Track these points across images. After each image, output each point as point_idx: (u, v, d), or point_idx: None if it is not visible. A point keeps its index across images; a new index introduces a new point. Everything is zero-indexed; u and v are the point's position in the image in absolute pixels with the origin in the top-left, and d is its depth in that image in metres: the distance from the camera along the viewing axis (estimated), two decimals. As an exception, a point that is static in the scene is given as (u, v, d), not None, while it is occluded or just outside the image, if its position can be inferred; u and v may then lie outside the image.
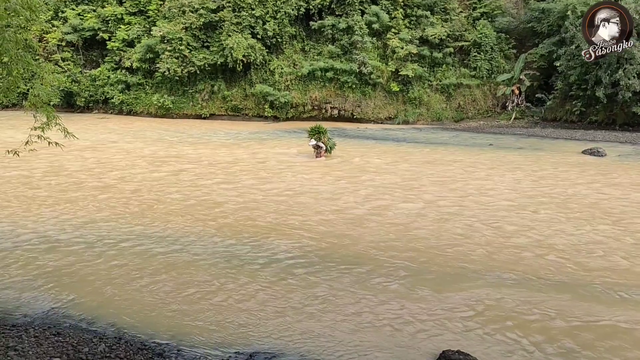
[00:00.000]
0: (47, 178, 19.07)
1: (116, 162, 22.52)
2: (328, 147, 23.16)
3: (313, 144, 22.80)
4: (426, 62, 42.40)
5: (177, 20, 42.34)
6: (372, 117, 41.32)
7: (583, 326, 8.38)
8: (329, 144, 23.29)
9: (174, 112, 43.63)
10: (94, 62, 48.10)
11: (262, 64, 42.44)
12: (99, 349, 7.22)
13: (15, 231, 12.85)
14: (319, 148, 22.74)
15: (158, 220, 13.91)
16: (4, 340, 7.24)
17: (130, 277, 10.00)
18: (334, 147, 23.58)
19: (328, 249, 11.86)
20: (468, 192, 17.44)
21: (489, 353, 7.54)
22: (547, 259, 11.24)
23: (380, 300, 9.20)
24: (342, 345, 7.70)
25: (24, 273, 10.14)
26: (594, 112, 34.93)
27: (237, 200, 16.12)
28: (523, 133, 34.37)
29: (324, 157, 22.79)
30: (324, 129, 23.26)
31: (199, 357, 7.31)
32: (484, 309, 8.88)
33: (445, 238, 12.68)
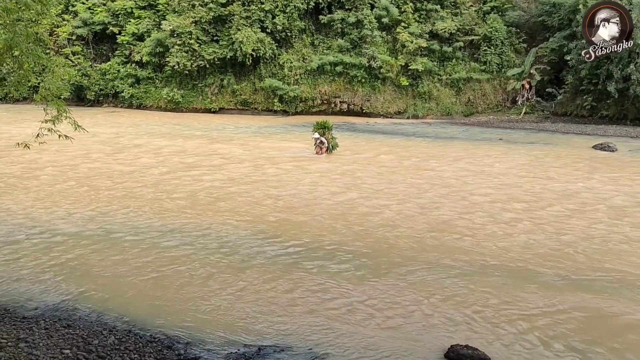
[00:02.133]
0: (58, 171, 19.16)
1: (127, 157, 22.60)
2: (330, 145, 22.88)
3: (317, 138, 22.60)
4: (436, 56, 42.22)
5: (186, 14, 42.35)
6: (382, 112, 41.24)
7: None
8: (332, 142, 22.99)
9: (183, 106, 43.71)
10: (104, 56, 48.28)
11: (271, 58, 42.41)
12: (108, 341, 7.26)
13: (26, 224, 12.92)
14: (322, 144, 22.52)
15: (166, 214, 13.94)
16: (15, 332, 7.30)
17: (139, 271, 10.04)
18: (336, 147, 23.19)
19: (334, 244, 11.85)
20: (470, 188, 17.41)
21: (498, 347, 7.53)
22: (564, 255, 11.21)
23: (388, 294, 9.18)
24: (350, 338, 7.70)
25: (34, 266, 10.21)
26: (605, 107, 34.71)
27: (244, 197, 16.15)
28: (533, 128, 34.21)
29: (324, 155, 22.52)
30: (331, 125, 23.01)
31: (207, 350, 7.34)
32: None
33: (447, 233, 12.67)
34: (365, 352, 7.37)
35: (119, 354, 6.92)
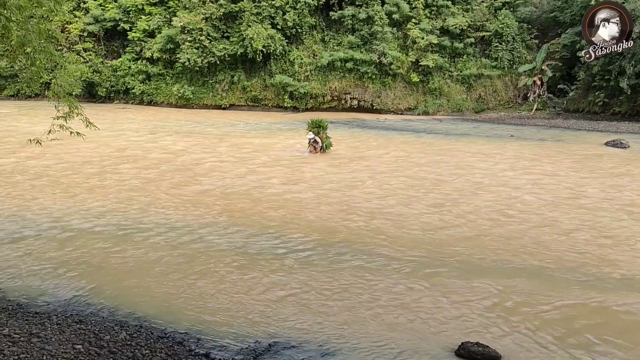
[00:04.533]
0: (69, 167, 19.26)
1: (136, 153, 22.69)
2: (324, 145, 22.54)
3: (311, 137, 22.29)
4: (447, 53, 42.08)
5: (197, 10, 42.42)
6: (392, 108, 41.15)
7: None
8: (326, 142, 22.64)
9: (193, 103, 43.81)
10: (115, 52, 48.45)
11: (281, 54, 42.41)
12: (120, 336, 7.30)
13: (38, 220, 13.00)
14: (315, 143, 22.24)
15: (177, 211, 13.99)
16: (27, 327, 7.34)
17: (151, 267, 10.08)
18: (330, 146, 22.87)
19: (343, 241, 11.86)
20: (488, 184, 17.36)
21: (508, 345, 7.50)
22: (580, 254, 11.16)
23: (398, 290, 9.17)
24: (361, 335, 7.70)
25: (47, 261, 10.27)
26: (617, 103, 34.48)
27: (252, 195, 16.19)
28: (545, 124, 34.02)
29: (319, 153, 22.19)
30: (326, 124, 22.69)
31: (218, 346, 7.36)
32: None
33: (450, 228, 12.63)
34: (375, 349, 7.36)
35: (130, 349, 6.95)
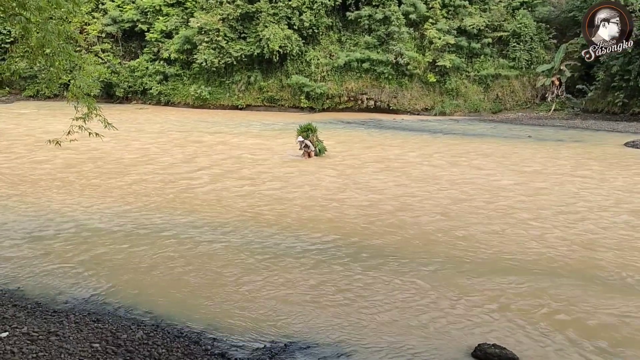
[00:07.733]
0: (87, 168, 19.43)
1: (153, 152, 22.83)
2: (317, 148, 22.21)
3: (300, 141, 21.91)
4: (464, 53, 41.89)
5: (214, 11, 42.63)
6: (409, 109, 41.06)
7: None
8: (318, 146, 22.31)
9: (210, 103, 44.03)
10: (132, 53, 48.87)
11: (298, 54, 42.48)
12: (137, 335, 7.34)
13: (57, 219, 13.12)
14: (307, 147, 21.91)
15: (192, 210, 14.06)
16: (46, 325, 7.41)
17: (168, 266, 10.12)
18: (324, 150, 22.55)
19: (361, 241, 11.84)
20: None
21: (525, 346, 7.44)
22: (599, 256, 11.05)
23: (414, 291, 9.13)
24: (376, 335, 7.68)
25: (65, 260, 10.35)
26: (637, 103, 34.09)
27: (263, 193, 16.23)
28: (563, 125, 33.74)
29: (313, 158, 21.86)
30: (315, 128, 22.39)
31: (234, 345, 7.37)
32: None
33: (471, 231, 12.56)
34: (391, 350, 7.34)
35: (147, 348, 6.98)
